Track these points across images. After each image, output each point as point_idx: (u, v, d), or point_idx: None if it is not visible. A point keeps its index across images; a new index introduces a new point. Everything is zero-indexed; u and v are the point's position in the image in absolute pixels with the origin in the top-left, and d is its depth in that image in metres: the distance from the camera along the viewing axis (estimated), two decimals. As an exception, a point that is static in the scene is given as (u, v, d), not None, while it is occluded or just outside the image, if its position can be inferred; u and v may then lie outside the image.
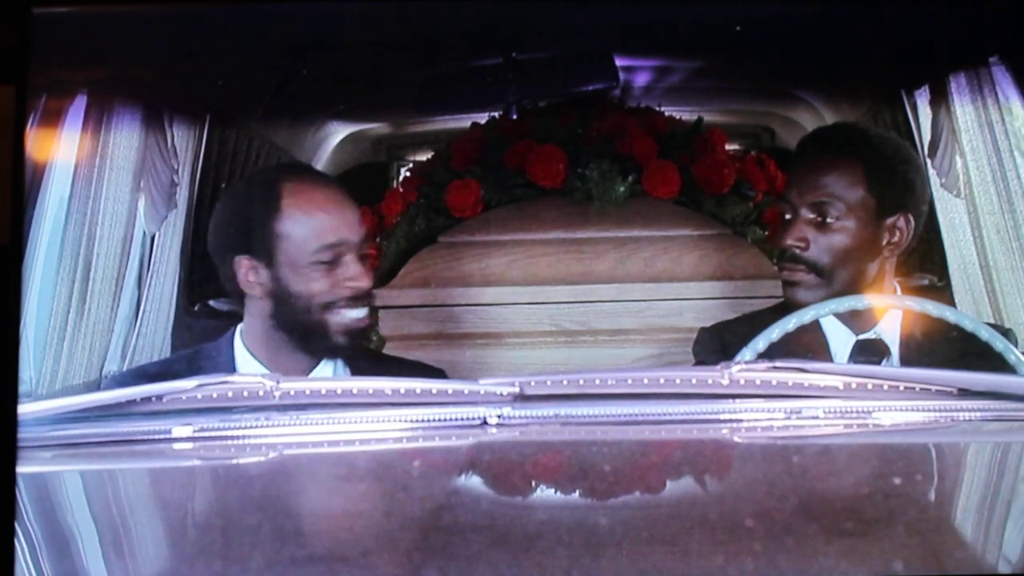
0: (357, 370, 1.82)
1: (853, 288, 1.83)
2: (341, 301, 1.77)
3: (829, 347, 1.84)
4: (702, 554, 1.10)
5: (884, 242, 1.84)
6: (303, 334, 1.79)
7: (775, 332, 1.69)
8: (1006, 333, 1.74)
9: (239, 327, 1.83)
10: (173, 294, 2.25)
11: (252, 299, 1.80)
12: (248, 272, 1.78)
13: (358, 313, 1.78)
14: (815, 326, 1.79)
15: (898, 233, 1.85)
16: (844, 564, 1.08)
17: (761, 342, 1.70)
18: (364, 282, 1.78)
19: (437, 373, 1.95)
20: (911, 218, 1.85)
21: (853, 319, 1.83)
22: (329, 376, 1.80)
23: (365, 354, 1.96)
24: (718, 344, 1.90)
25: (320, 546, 1.16)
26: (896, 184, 1.86)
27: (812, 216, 1.83)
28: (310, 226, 1.77)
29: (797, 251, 1.83)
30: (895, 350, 1.83)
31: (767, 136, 2.59)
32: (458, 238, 2.28)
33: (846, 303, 1.76)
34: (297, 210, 1.78)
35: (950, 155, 2.22)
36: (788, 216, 1.86)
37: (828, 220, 1.82)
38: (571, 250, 2.25)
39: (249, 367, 1.80)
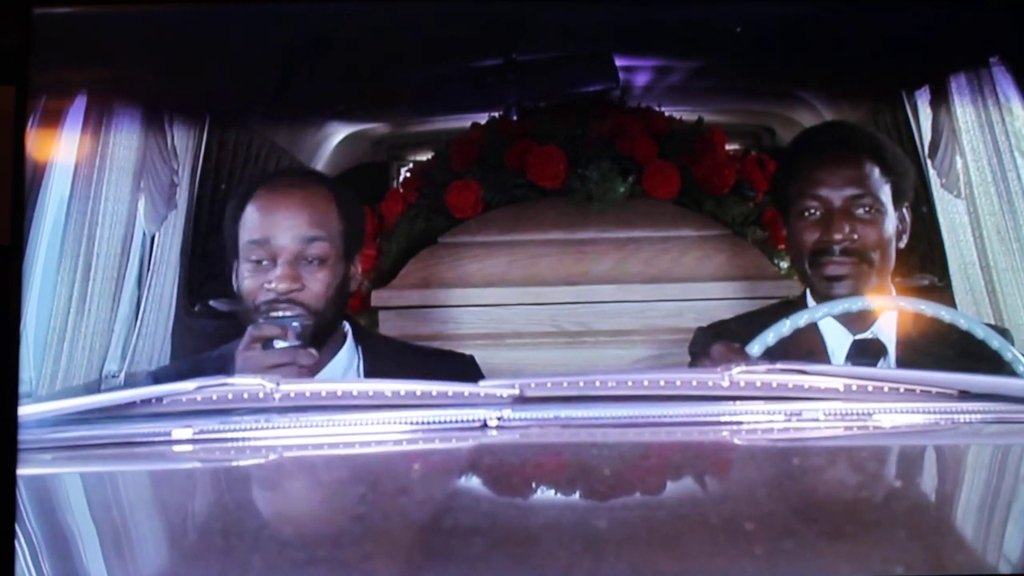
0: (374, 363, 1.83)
1: (884, 280, 1.86)
2: (263, 304, 1.76)
3: (826, 347, 1.84)
4: (702, 557, 1.10)
5: (898, 232, 1.88)
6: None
7: (770, 336, 1.70)
8: (1003, 333, 1.74)
9: None
10: (173, 294, 2.25)
11: None
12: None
13: (289, 322, 1.75)
14: (812, 326, 1.79)
15: (903, 224, 1.89)
16: (845, 567, 1.09)
17: (771, 335, 1.70)
18: (282, 285, 1.76)
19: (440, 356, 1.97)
20: (909, 210, 1.90)
21: (850, 319, 1.83)
22: (328, 379, 1.79)
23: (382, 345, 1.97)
24: (715, 343, 1.90)
25: (320, 548, 1.16)
26: (903, 176, 1.90)
27: (851, 209, 1.84)
28: (248, 221, 1.79)
29: (848, 244, 1.84)
30: (892, 350, 1.84)
31: (767, 136, 2.59)
32: (458, 238, 2.28)
33: (858, 303, 1.77)
34: (251, 208, 1.80)
35: (950, 155, 2.22)
36: (817, 211, 1.86)
37: (865, 212, 1.84)
38: (571, 251, 2.25)
39: None
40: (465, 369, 1.91)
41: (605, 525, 1.21)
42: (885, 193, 1.85)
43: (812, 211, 1.86)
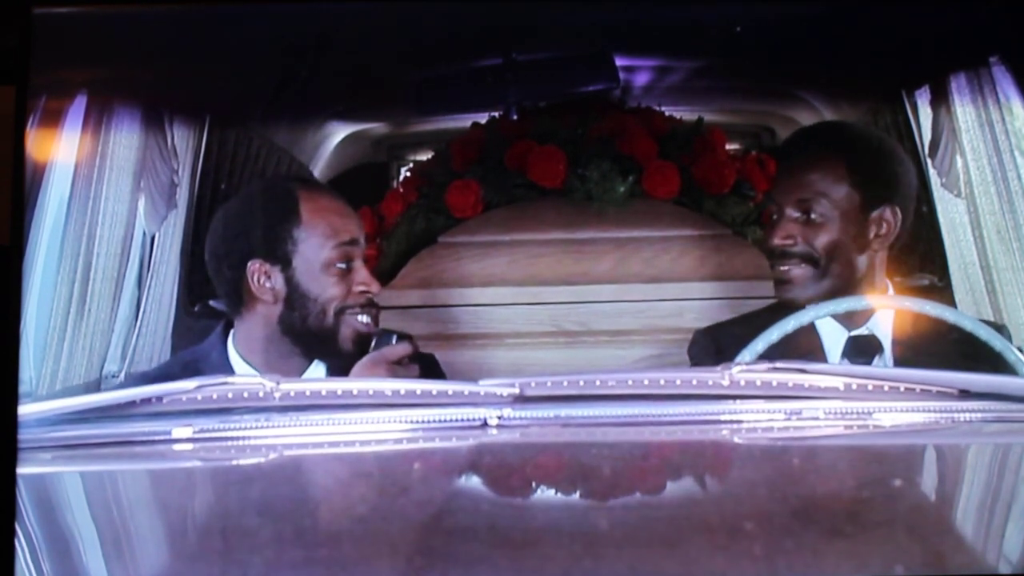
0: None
1: (846, 282, 1.86)
2: (354, 307, 1.80)
3: (823, 344, 1.85)
4: (702, 556, 1.11)
5: (872, 235, 1.86)
6: (312, 338, 1.80)
7: (774, 334, 1.70)
8: (999, 329, 1.74)
9: (231, 332, 1.84)
10: (173, 294, 2.25)
11: (257, 304, 1.81)
12: (260, 276, 1.80)
13: (368, 318, 1.81)
14: (808, 324, 1.80)
15: (885, 225, 1.87)
16: (845, 566, 1.09)
17: (760, 344, 1.70)
18: (375, 287, 1.82)
19: (428, 360, 1.96)
20: (897, 210, 1.88)
21: (846, 316, 1.84)
22: (328, 377, 1.80)
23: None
24: (713, 345, 1.91)
25: (320, 548, 1.16)
26: (880, 177, 1.89)
27: (797, 214, 1.86)
28: (325, 228, 1.81)
29: (787, 248, 1.85)
30: (887, 346, 1.84)
31: (767, 136, 2.59)
32: (458, 238, 2.28)
33: (848, 304, 1.78)
34: (314, 215, 1.81)
35: (950, 155, 2.22)
36: (775, 215, 1.89)
37: (813, 216, 1.85)
38: (571, 250, 2.24)
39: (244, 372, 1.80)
40: (427, 369, 1.91)
41: (605, 524, 1.21)
42: (846, 197, 1.85)
43: (772, 214, 1.89)
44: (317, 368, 1.82)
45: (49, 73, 1.75)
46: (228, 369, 1.79)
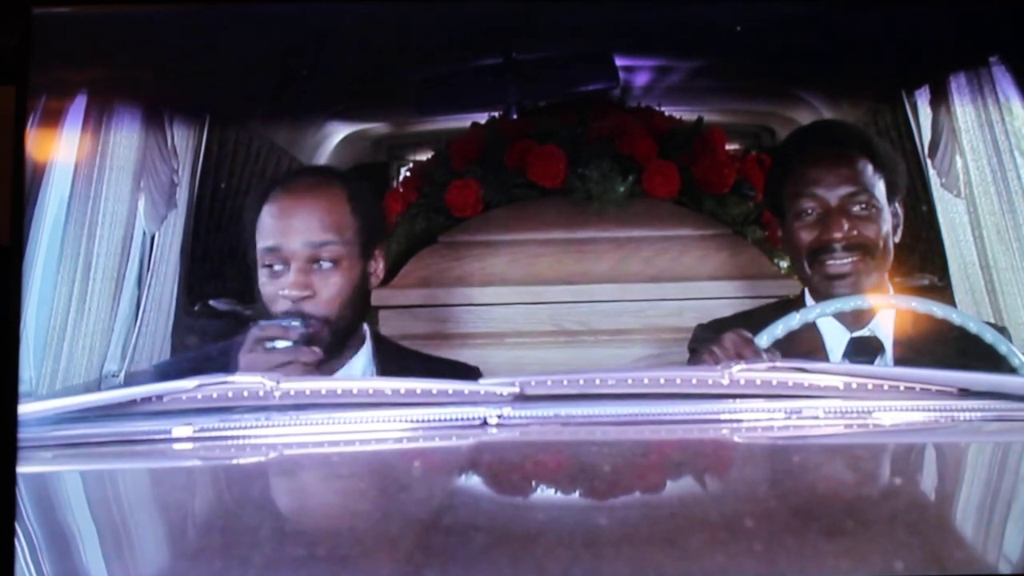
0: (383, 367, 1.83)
1: (885, 273, 1.88)
2: (280, 312, 1.76)
3: (824, 344, 1.85)
4: (702, 554, 1.10)
5: (894, 225, 1.88)
6: None
7: (779, 328, 1.70)
8: (1001, 331, 1.75)
9: None
10: (173, 294, 2.26)
11: None
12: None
13: (291, 323, 1.74)
14: (810, 324, 1.80)
15: (897, 218, 1.89)
16: (844, 564, 1.08)
17: (781, 327, 1.71)
18: (293, 293, 1.75)
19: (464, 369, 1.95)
20: (902, 204, 1.91)
21: (849, 316, 1.84)
22: (329, 376, 1.79)
23: (393, 351, 1.94)
24: (724, 332, 1.91)
25: (320, 546, 1.16)
26: (894, 171, 1.90)
27: (848, 207, 1.85)
28: (263, 227, 1.79)
29: (849, 241, 1.84)
30: (889, 347, 1.84)
31: (767, 136, 2.59)
32: (458, 238, 2.28)
33: (850, 303, 1.77)
34: (265, 213, 1.80)
35: (950, 155, 2.22)
36: (814, 211, 1.86)
37: (862, 209, 1.85)
38: (571, 250, 2.25)
39: None
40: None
41: (605, 523, 1.21)
42: (879, 189, 1.86)
43: (809, 211, 1.87)
44: (351, 366, 1.82)
45: (49, 73, 1.75)
46: None
